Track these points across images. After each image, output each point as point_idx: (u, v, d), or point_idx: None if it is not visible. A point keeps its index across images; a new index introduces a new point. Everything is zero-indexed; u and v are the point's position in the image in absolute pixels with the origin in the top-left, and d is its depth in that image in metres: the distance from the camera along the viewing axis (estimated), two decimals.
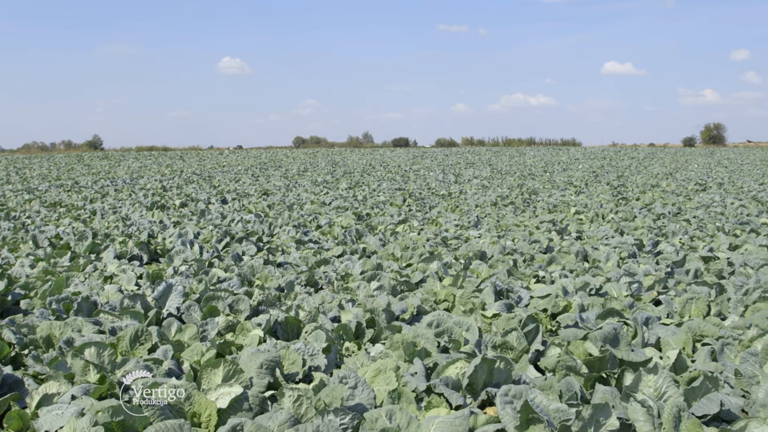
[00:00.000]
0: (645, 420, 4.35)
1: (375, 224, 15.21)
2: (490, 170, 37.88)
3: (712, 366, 5.50)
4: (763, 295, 7.49)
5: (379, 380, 5.06)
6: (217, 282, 8.77)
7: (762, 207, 19.18)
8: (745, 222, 15.37)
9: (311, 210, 18.36)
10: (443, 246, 12.14)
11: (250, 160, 51.91)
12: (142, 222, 15.23)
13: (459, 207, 19.38)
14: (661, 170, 38.01)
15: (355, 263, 9.88)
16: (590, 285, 8.23)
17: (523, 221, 16.12)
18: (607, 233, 13.49)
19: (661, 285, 8.64)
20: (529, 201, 21.14)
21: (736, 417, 4.65)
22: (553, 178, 31.81)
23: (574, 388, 4.78)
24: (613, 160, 50.16)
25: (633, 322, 6.37)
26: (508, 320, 6.61)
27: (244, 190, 25.03)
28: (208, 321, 6.69)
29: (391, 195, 22.90)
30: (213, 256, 10.67)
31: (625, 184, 28.17)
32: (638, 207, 19.10)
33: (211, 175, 34.43)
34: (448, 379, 4.97)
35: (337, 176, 33.17)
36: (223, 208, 19.16)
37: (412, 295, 8.13)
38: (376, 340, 6.53)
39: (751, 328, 6.38)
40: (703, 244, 12.11)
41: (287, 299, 8.10)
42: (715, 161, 49.29)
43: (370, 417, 4.28)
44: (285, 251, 11.65)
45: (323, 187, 26.43)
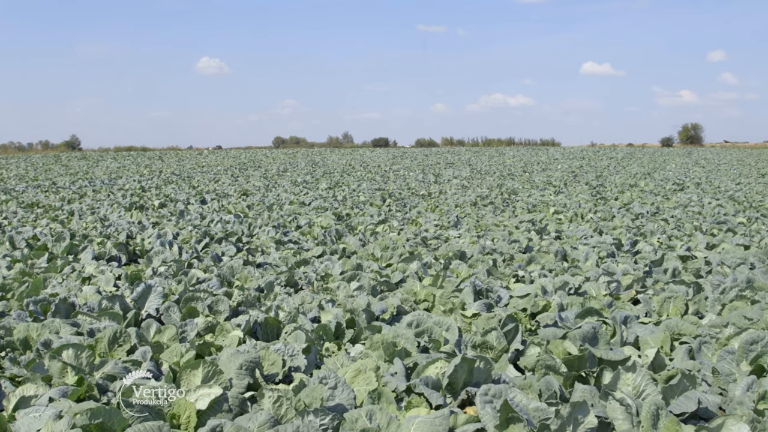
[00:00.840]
0: (624, 418, 4.38)
1: (355, 224, 15.19)
2: (470, 170, 37.97)
3: (689, 364, 5.54)
4: (739, 294, 7.56)
5: (359, 380, 5.06)
6: (196, 283, 8.73)
7: (739, 206, 19.36)
8: (722, 221, 15.51)
9: (291, 210, 18.32)
10: (423, 246, 12.15)
11: (229, 161, 51.75)
12: (120, 223, 15.13)
13: (439, 207, 19.40)
14: (639, 170, 38.25)
15: (335, 263, 9.87)
16: (569, 284, 8.26)
17: (502, 221, 16.17)
18: (586, 233, 13.55)
19: (640, 284, 8.70)
20: (508, 201, 21.20)
21: (714, 415, 4.69)
22: (532, 178, 31.93)
23: (554, 387, 4.80)
24: (592, 160, 50.44)
25: (612, 321, 6.40)
26: (487, 320, 6.63)
27: (224, 191, 24.94)
28: (188, 322, 6.66)
29: (371, 195, 22.89)
30: (192, 256, 10.61)
31: (604, 184, 28.33)
32: (617, 207, 19.21)
33: (190, 175, 34.28)
34: (428, 378, 4.97)
35: (316, 176, 33.12)
36: (203, 208, 19.08)
37: (392, 295, 8.13)
38: (356, 341, 6.52)
39: (728, 327, 6.43)
40: (681, 244, 12.20)
41: (267, 300, 8.08)
42: (692, 161, 49.70)
43: (350, 417, 4.28)
44: (265, 252, 11.61)
45: (303, 188, 26.38)
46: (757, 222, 15.72)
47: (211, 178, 32.19)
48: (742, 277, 8.49)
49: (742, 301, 7.36)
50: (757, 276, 8.74)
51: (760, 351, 5.33)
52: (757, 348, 5.39)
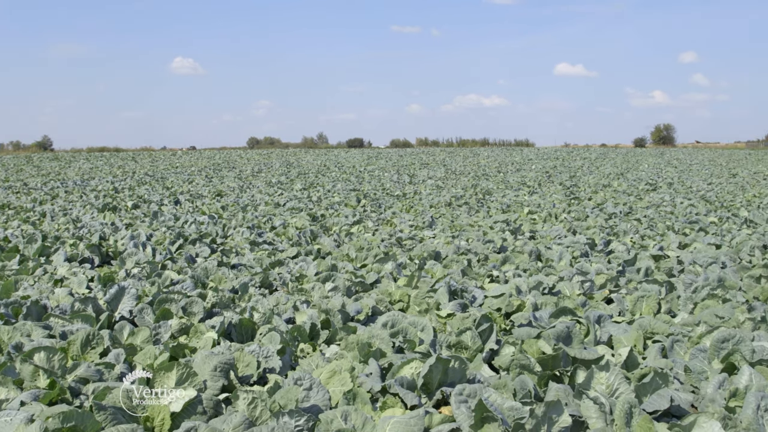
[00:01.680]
0: (597, 417, 4.41)
1: (330, 225, 15.18)
2: (445, 171, 38.05)
3: (662, 363, 5.59)
4: (711, 293, 7.64)
5: (334, 381, 5.06)
6: (170, 284, 8.67)
7: (710, 206, 19.56)
8: (694, 221, 15.66)
9: (265, 211, 18.27)
10: (398, 246, 12.17)
11: (203, 161, 51.48)
12: (93, 224, 15.01)
13: (413, 207, 19.43)
14: (612, 170, 38.52)
15: (310, 264, 9.85)
16: (543, 284, 8.30)
17: (477, 221, 16.22)
18: (560, 233, 13.63)
19: (613, 283, 8.76)
20: (483, 201, 21.27)
21: (686, 412, 4.73)
22: (506, 178, 32.06)
23: (528, 387, 4.82)
24: (566, 161, 50.72)
25: (585, 320, 6.44)
26: (462, 320, 6.65)
27: (198, 192, 24.82)
28: (161, 324, 6.62)
29: (345, 196, 22.86)
30: (166, 258, 10.55)
31: (578, 184, 28.50)
32: (590, 207, 19.34)
33: (163, 176, 34.07)
34: (403, 379, 4.98)
35: (291, 177, 33.05)
36: (176, 209, 18.97)
37: (367, 296, 8.13)
38: (331, 341, 6.51)
39: (700, 325, 6.49)
40: (654, 243, 12.30)
41: (241, 301, 8.04)
42: (665, 161, 50.14)
43: (325, 418, 4.28)
44: (239, 253, 11.56)
45: (277, 188, 26.31)
46: (728, 221, 15.89)
47: (185, 178, 32.01)
48: (714, 276, 8.58)
49: (713, 300, 7.44)
50: (729, 275, 8.83)
51: (732, 349, 5.39)
52: (728, 346, 5.45)
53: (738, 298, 7.60)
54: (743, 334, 5.55)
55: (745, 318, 6.71)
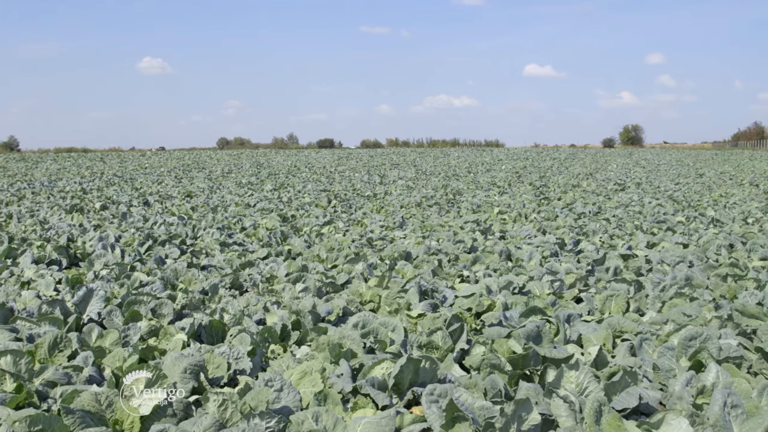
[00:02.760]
0: (567, 415, 4.43)
1: (300, 226, 15.14)
2: (415, 171, 38.12)
3: (631, 361, 5.64)
4: (679, 291, 7.72)
5: (305, 382, 5.05)
6: (139, 286, 8.60)
7: (678, 206, 19.76)
8: (661, 220, 15.82)
9: (235, 212, 18.18)
10: (368, 247, 12.16)
11: (173, 162, 51.16)
12: (61, 225, 14.84)
13: (384, 208, 19.44)
14: (581, 170, 38.83)
15: (280, 265, 9.82)
16: (514, 284, 8.34)
17: (447, 221, 16.25)
18: (530, 233, 13.70)
19: (582, 283, 8.82)
20: (453, 201, 21.32)
21: (654, 410, 4.77)
22: (477, 178, 32.18)
23: (499, 386, 4.84)
24: (536, 161, 51.03)
25: (555, 319, 6.48)
26: (433, 320, 6.66)
27: (167, 192, 24.64)
28: (131, 326, 6.56)
29: (316, 196, 22.82)
30: (135, 259, 10.46)
31: (547, 184, 28.67)
32: (560, 207, 19.46)
33: (132, 177, 33.78)
34: (374, 379, 4.98)
35: (261, 178, 32.93)
36: (146, 210, 18.83)
37: (337, 297, 8.12)
38: (302, 342, 6.50)
39: (668, 324, 6.56)
40: (622, 243, 12.40)
41: (211, 302, 8.00)
42: (633, 162, 50.63)
43: (296, 419, 4.27)
44: (209, 254, 11.50)
45: (248, 189, 26.20)
46: (695, 221, 16.06)
47: (155, 179, 31.78)
48: (681, 275, 8.67)
49: (681, 299, 7.51)
50: (696, 274, 8.93)
51: (699, 347, 5.45)
52: (695, 344, 5.51)
53: (705, 297, 7.69)
54: (710, 332, 5.61)
55: (712, 316, 6.80)
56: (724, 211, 17.87)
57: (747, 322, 6.51)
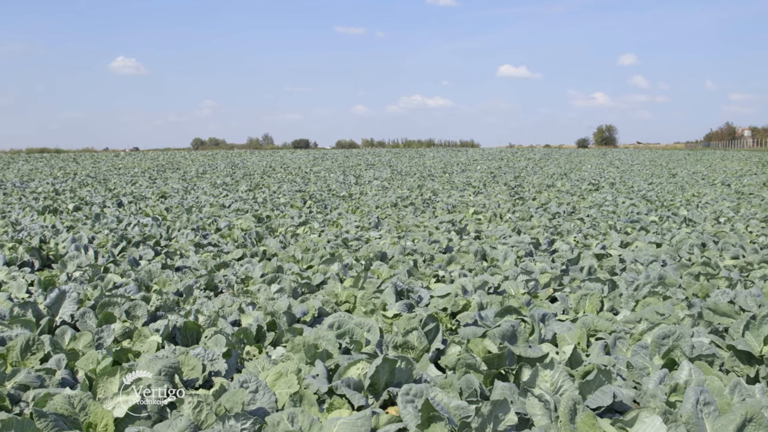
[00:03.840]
0: (542, 414, 4.46)
1: (275, 226, 15.10)
2: (390, 171, 38.15)
3: (605, 359, 5.68)
4: (652, 290, 7.78)
5: (281, 383, 5.03)
6: (113, 288, 8.54)
7: (651, 206, 19.92)
8: (635, 220, 15.95)
9: (210, 213, 18.10)
10: (344, 247, 12.15)
11: (147, 162, 50.83)
12: (33, 227, 14.68)
13: (359, 208, 19.44)
14: (556, 171, 39.03)
15: (256, 266, 9.79)
16: (489, 283, 8.37)
17: (422, 222, 16.27)
18: (505, 233, 13.75)
19: (557, 282, 8.87)
20: (428, 202, 21.36)
21: (628, 407, 4.81)
22: (452, 178, 32.26)
23: (474, 385, 4.85)
24: (510, 161, 51.25)
25: (530, 319, 6.51)
26: (408, 320, 6.66)
27: (141, 193, 24.48)
28: (104, 328, 6.50)
29: (291, 197, 22.78)
30: (108, 261, 10.38)
31: (522, 184, 28.80)
32: (535, 207, 19.56)
33: (106, 177, 33.52)
34: (349, 380, 4.97)
35: (236, 178, 32.81)
36: (119, 211, 18.69)
37: (313, 297, 8.11)
38: (278, 343, 6.48)
39: (642, 322, 6.60)
40: (596, 242, 12.49)
41: (186, 304, 7.96)
42: (607, 162, 50.98)
43: (272, 421, 4.26)
44: (184, 255, 11.44)
45: (222, 190, 26.10)
46: (668, 221, 16.20)
47: (128, 180, 31.56)
48: (655, 274, 8.75)
49: (654, 297, 7.57)
50: (669, 273, 9.01)
51: (672, 345, 5.50)
52: (668, 342, 5.56)
53: (678, 296, 7.75)
54: (683, 331, 5.66)
55: (685, 315, 6.86)
56: (697, 211, 18.04)
57: (719, 321, 6.58)
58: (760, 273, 9.03)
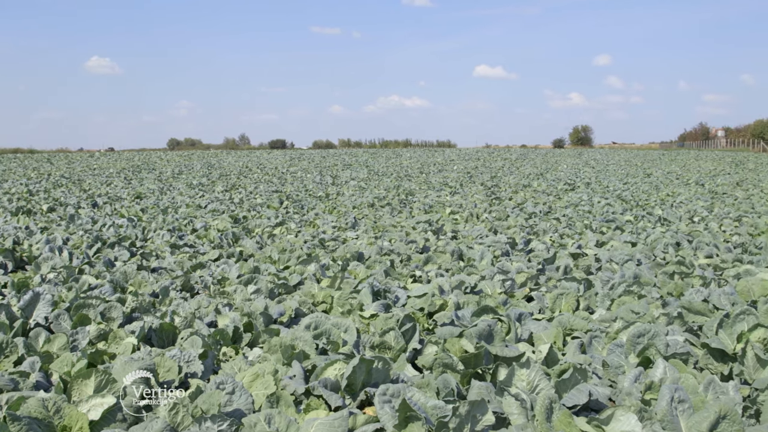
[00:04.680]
0: (519, 413, 4.48)
1: (252, 227, 15.06)
2: (367, 172, 38.15)
3: (581, 358, 5.71)
4: (627, 289, 7.83)
5: (258, 384, 5.02)
6: (88, 289, 8.47)
7: (626, 205, 20.07)
8: (610, 219, 16.06)
9: (186, 213, 18.01)
10: (321, 248, 12.14)
11: (122, 163, 50.44)
12: (6, 228, 14.54)
13: (336, 208, 19.43)
14: (532, 171, 39.21)
15: (232, 267, 9.75)
16: (465, 283, 8.39)
17: (399, 222, 16.29)
18: (482, 232, 13.80)
19: (533, 282, 8.91)
20: (405, 202, 21.38)
21: (604, 406, 4.84)
22: (429, 179, 32.31)
23: (451, 385, 4.86)
24: (487, 161, 51.40)
25: (507, 318, 6.53)
26: (385, 320, 6.66)
27: (116, 194, 24.31)
28: (79, 330, 6.45)
29: (268, 197, 22.72)
30: (83, 262, 10.30)
31: (499, 184, 28.90)
32: (511, 206, 19.64)
33: (81, 178, 33.25)
34: (326, 380, 4.97)
35: (212, 179, 32.67)
36: (94, 212, 18.55)
37: (290, 298, 8.09)
38: (254, 344, 6.46)
39: (617, 321, 6.65)
40: (572, 242, 12.56)
41: (162, 305, 7.91)
42: (582, 162, 51.27)
43: (249, 422, 4.24)
44: (159, 256, 11.37)
45: (199, 190, 25.98)
46: (643, 220, 16.33)
47: (103, 181, 31.32)
48: (630, 273, 8.82)
49: (629, 296, 7.63)
50: (644, 272, 9.08)
51: (647, 343, 5.54)
52: (643, 341, 5.60)
53: (653, 294, 7.81)
54: (658, 329, 5.71)
55: (660, 313, 6.91)
56: (671, 210, 18.21)
57: (693, 319, 6.64)
58: (733, 272, 9.12)
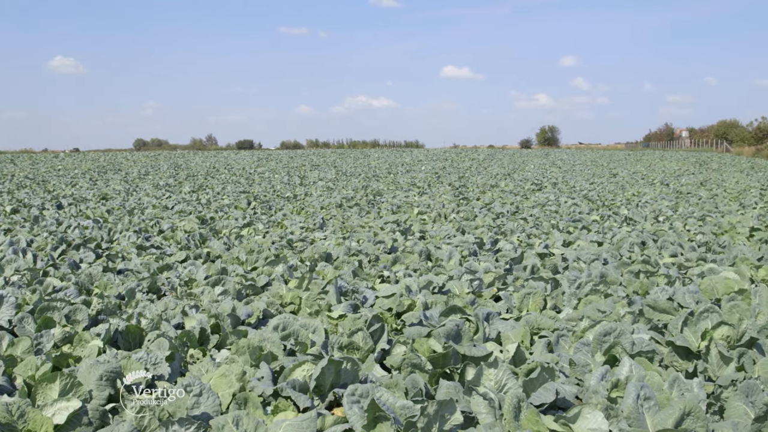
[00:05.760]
0: (487, 412, 4.49)
1: (219, 228, 14.98)
2: (335, 172, 38.11)
3: (548, 357, 5.75)
4: (594, 288, 7.90)
5: (225, 386, 4.99)
6: (52, 292, 8.37)
7: (593, 205, 20.25)
8: (577, 219, 16.20)
9: (153, 214, 17.87)
10: (289, 248, 12.10)
11: (87, 164, 49.91)
12: None
13: (304, 209, 19.39)
14: (500, 171, 39.41)
15: (199, 268, 9.70)
16: (433, 283, 8.41)
17: (367, 222, 16.30)
18: (449, 232, 13.83)
19: (501, 281, 8.95)
20: (373, 202, 21.39)
21: (571, 404, 4.87)
22: (396, 179, 32.34)
23: (419, 385, 4.87)
24: (455, 162, 51.56)
25: (475, 318, 6.55)
26: (354, 321, 6.66)
27: (82, 195, 24.05)
28: (43, 333, 6.37)
29: (235, 198, 22.62)
30: (48, 264, 10.18)
31: (466, 184, 29.01)
32: (479, 206, 19.72)
33: (45, 179, 32.84)
34: (295, 381, 4.95)
35: (179, 179, 32.45)
36: (59, 213, 18.33)
37: (257, 299, 8.06)
38: (222, 346, 6.43)
39: (584, 320, 6.70)
40: (539, 242, 12.63)
41: (128, 307, 7.85)
42: (549, 162, 51.63)
43: (216, 424, 4.21)
44: (126, 257, 11.28)
45: (165, 191, 25.79)
46: (609, 219, 16.49)
47: (68, 181, 30.97)
48: (596, 272, 8.90)
49: (596, 295, 7.69)
50: (610, 271, 9.16)
51: (613, 342, 5.59)
52: (610, 339, 5.65)
53: (619, 293, 7.88)
54: (624, 328, 5.76)
55: (626, 312, 6.98)
56: (637, 210, 18.39)
57: (658, 317, 6.71)
58: (697, 270, 9.24)
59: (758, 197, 22.56)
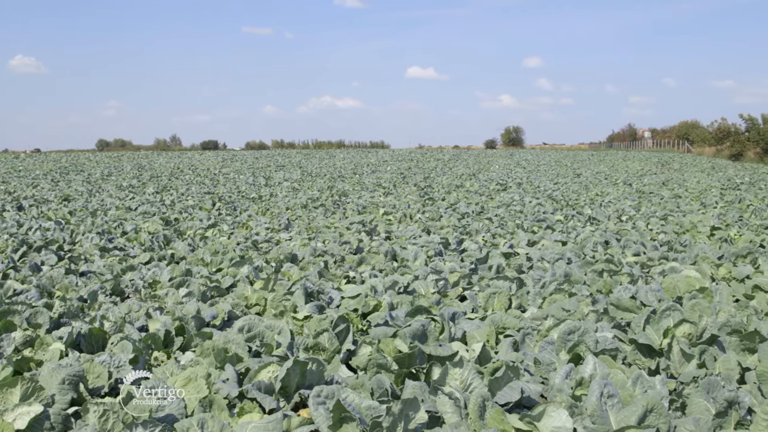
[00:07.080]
0: (453, 411, 4.51)
1: (183, 229, 14.87)
2: (301, 173, 38.02)
3: (513, 356, 5.78)
4: (558, 288, 7.96)
5: (190, 389, 4.95)
6: (13, 295, 8.25)
7: (557, 205, 20.42)
8: (541, 219, 16.32)
9: (116, 216, 17.68)
10: (254, 249, 12.05)
11: (49, 164, 49.29)
12: None
13: (270, 210, 19.32)
14: (465, 171, 39.58)
15: (163, 270, 9.61)
16: (399, 283, 8.42)
17: (333, 223, 16.28)
18: (415, 233, 13.87)
19: (466, 281, 8.99)
20: (339, 203, 21.38)
21: (536, 402, 4.90)
22: (362, 179, 32.35)
23: (385, 385, 4.88)
24: (420, 162, 51.69)
25: (440, 318, 6.57)
26: (319, 321, 6.65)
27: (43, 196, 23.74)
28: (4, 337, 6.28)
29: (200, 199, 22.48)
30: (8, 267, 10.03)
31: (432, 185, 29.09)
32: (444, 207, 19.78)
33: (5, 180, 32.37)
34: (260, 383, 4.94)
35: (143, 180, 32.16)
36: (20, 215, 18.07)
37: (222, 301, 8.02)
38: (187, 348, 6.39)
39: (548, 319, 6.75)
40: (504, 241, 12.71)
41: (91, 310, 7.76)
42: (514, 162, 51.92)
43: (181, 427, 4.19)
44: (88, 259, 11.15)
45: (129, 192, 25.56)
46: (573, 219, 16.64)
47: (29, 182, 30.55)
48: (560, 272, 8.97)
49: (560, 294, 7.76)
50: (574, 270, 9.24)
51: (577, 340, 5.65)
52: (574, 338, 5.70)
53: (583, 292, 7.96)
54: (588, 326, 5.82)
55: (589, 310, 7.06)
56: (600, 210, 18.58)
57: (621, 315, 6.78)
58: (659, 269, 9.36)
59: (719, 197, 22.92)
